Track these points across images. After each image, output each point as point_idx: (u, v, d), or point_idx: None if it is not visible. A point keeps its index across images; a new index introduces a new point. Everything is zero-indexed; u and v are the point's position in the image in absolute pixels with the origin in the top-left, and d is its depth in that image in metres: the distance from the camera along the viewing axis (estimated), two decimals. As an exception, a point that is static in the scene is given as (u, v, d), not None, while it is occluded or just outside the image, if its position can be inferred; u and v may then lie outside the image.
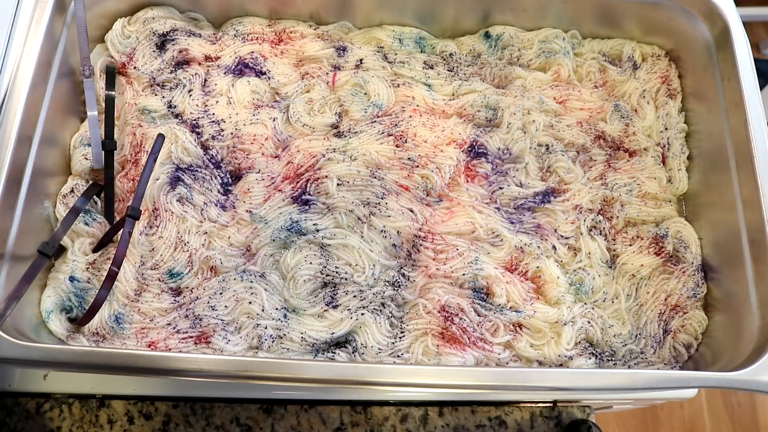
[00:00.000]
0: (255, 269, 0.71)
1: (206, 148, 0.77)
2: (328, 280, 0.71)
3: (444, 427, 0.69)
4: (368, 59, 0.83)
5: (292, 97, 0.81)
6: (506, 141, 0.79)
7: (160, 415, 0.67)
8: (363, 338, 0.69)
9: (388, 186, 0.75)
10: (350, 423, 0.68)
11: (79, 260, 0.69)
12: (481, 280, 0.72)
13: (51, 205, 0.72)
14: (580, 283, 0.74)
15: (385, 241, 0.72)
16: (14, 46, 0.70)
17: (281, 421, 0.68)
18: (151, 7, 0.82)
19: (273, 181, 0.75)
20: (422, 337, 0.69)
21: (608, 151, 0.81)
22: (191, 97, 0.78)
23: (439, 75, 0.84)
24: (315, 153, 0.76)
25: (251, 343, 0.68)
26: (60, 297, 0.68)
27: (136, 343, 0.67)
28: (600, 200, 0.78)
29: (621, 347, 0.72)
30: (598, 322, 0.72)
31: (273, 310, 0.69)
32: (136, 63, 0.80)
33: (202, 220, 0.73)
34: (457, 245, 0.73)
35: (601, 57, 0.86)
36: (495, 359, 0.70)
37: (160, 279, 0.71)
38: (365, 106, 0.80)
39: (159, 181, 0.74)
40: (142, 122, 0.77)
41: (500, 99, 0.81)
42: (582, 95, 0.83)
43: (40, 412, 0.67)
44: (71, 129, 0.76)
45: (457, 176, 0.77)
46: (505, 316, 0.71)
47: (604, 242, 0.76)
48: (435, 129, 0.79)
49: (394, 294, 0.71)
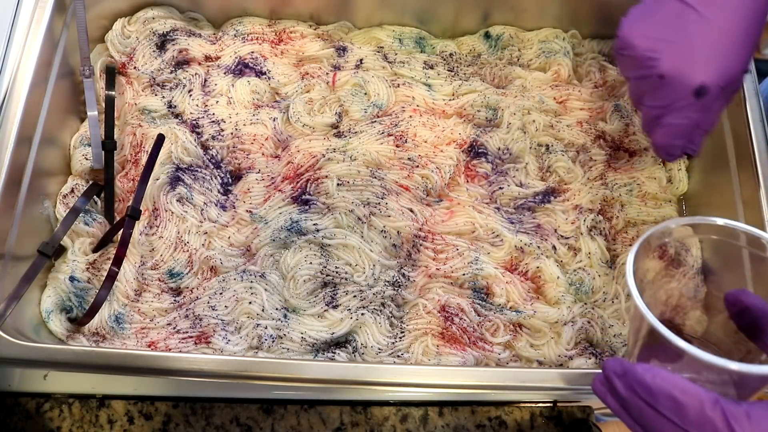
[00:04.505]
0: (255, 269, 0.71)
1: (206, 148, 0.77)
2: (328, 280, 0.71)
3: (444, 427, 0.69)
4: (368, 59, 0.83)
5: (292, 97, 0.81)
6: (506, 141, 0.79)
7: (160, 415, 0.67)
8: (363, 338, 0.69)
9: (388, 186, 0.75)
10: (350, 423, 0.68)
11: (79, 260, 0.69)
12: (481, 280, 0.72)
13: (51, 205, 0.72)
14: (580, 283, 0.74)
15: (385, 241, 0.72)
16: (14, 46, 0.70)
17: (281, 421, 0.68)
18: (151, 7, 0.82)
19: (273, 181, 0.75)
20: (422, 337, 0.69)
21: (608, 151, 0.81)
22: (191, 97, 0.79)
23: (439, 75, 0.84)
24: (315, 153, 0.76)
25: (251, 343, 0.68)
26: (60, 297, 0.68)
27: (136, 343, 0.67)
28: (600, 200, 0.78)
29: (621, 347, 0.72)
30: (598, 322, 0.72)
31: (273, 310, 0.69)
32: (136, 63, 0.80)
33: (202, 220, 0.73)
34: (457, 245, 0.73)
35: (601, 57, 0.86)
36: (495, 359, 0.70)
37: (160, 279, 0.71)
38: (365, 106, 0.80)
39: (159, 181, 0.74)
40: (142, 122, 0.77)
41: (500, 99, 0.81)
42: (582, 95, 0.83)
43: (40, 412, 0.67)
44: (71, 129, 0.76)
45: (457, 176, 0.77)
46: (505, 316, 0.71)
47: (604, 242, 0.76)
48: (435, 129, 0.79)
49: (394, 294, 0.71)
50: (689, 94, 0.54)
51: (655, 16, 0.56)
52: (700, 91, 0.54)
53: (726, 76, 0.54)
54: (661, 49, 0.54)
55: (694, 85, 0.53)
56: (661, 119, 0.57)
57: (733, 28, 0.54)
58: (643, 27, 0.56)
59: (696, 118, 0.56)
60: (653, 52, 0.55)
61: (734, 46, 0.54)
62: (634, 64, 0.57)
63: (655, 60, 0.54)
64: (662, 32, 0.55)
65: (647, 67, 0.55)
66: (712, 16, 0.54)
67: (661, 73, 0.54)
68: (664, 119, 0.57)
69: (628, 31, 0.57)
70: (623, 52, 0.58)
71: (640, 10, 0.58)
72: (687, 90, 0.54)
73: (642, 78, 0.57)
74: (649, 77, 0.55)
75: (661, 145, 0.59)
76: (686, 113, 0.55)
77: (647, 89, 0.57)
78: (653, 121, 0.58)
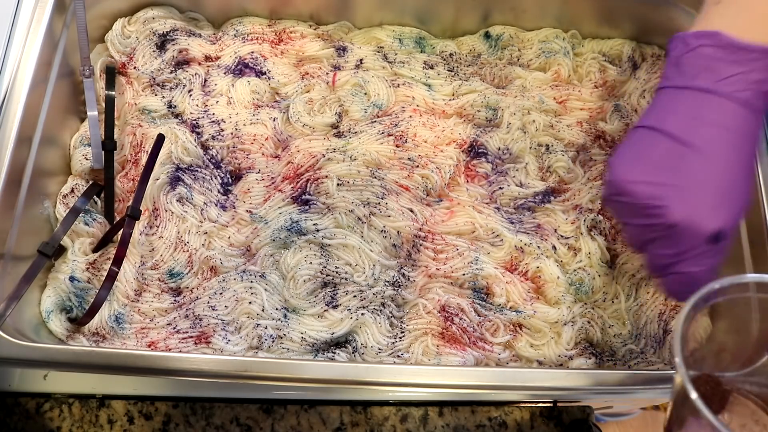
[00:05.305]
0: (255, 269, 0.71)
1: (206, 148, 0.77)
2: (328, 280, 0.71)
3: (444, 427, 0.69)
4: (368, 59, 0.83)
5: (292, 97, 0.81)
6: (506, 141, 0.79)
7: (160, 415, 0.67)
8: (363, 338, 0.69)
9: (388, 186, 0.75)
10: (350, 423, 0.68)
11: (79, 260, 0.69)
12: (481, 280, 0.72)
13: (51, 205, 0.72)
14: (580, 283, 0.74)
15: (385, 241, 0.72)
16: (14, 46, 0.70)
17: (281, 421, 0.68)
18: (151, 7, 0.82)
19: (273, 181, 0.75)
20: (422, 337, 0.69)
21: (608, 151, 0.81)
22: (191, 97, 0.79)
23: (439, 75, 0.84)
24: (315, 153, 0.76)
25: (251, 343, 0.68)
26: (60, 297, 0.68)
27: (136, 343, 0.67)
28: (600, 200, 0.78)
29: (621, 347, 0.72)
30: (598, 322, 0.72)
31: (273, 310, 0.69)
32: (136, 63, 0.80)
33: (202, 220, 0.73)
34: (457, 245, 0.73)
35: (601, 57, 0.86)
36: (495, 359, 0.70)
37: (160, 279, 0.71)
38: (365, 106, 0.80)
39: (159, 181, 0.74)
40: (142, 122, 0.77)
41: (500, 99, 0.81)
42: (582, 95, 0.83)
43: (40, 412, 0.67)
44: (71, 129, 0.76)
45: (457, 176, 0.77)
46: (505, 316, 0.71)
47: (604, 242, 0.76)
48: (435, 129, 0.79)
49: (394, 294, 0.71)
50: (704, 242, 0.49)
51: (651, 158, 0.51)
52: (716, 237, 0.49)
53: (737, 215, 0.50)
54: (667, 195, 0.49)
55: (708, 232, 0.49)
56: (675, 267, 0.52)
57: (735, 163, 0.50)
58: (639, 171, 0.51)
59: (711, 262, 0.51)
60: (658, 200, 0.49)
61: (739, 183, 0.50)
62: (634, 212, 0.52)
63: (661, 208, 0.49)
64: (663, 176, 0.50)
65: (653, 216, 0.50)
66: (713, 154, 0.49)
67: (671, 223, 0.49)
68: (678, 267, 0.52)
69: (624, 176, 0.51)
70: (620, 199, 0.52)
71: (630, 151, 0.53)
72: (701, 238, 0.49)
73: (647, 226, 0.51)
74: (655, 225, 0.50)
75: (677, 291, 0.54)
76: (702, 260, 0.51)
77: (654, 236, 0.52)
78: (665, 269, 0.53)
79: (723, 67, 0.50)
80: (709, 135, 0.50)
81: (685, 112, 0.51)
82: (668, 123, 0.51)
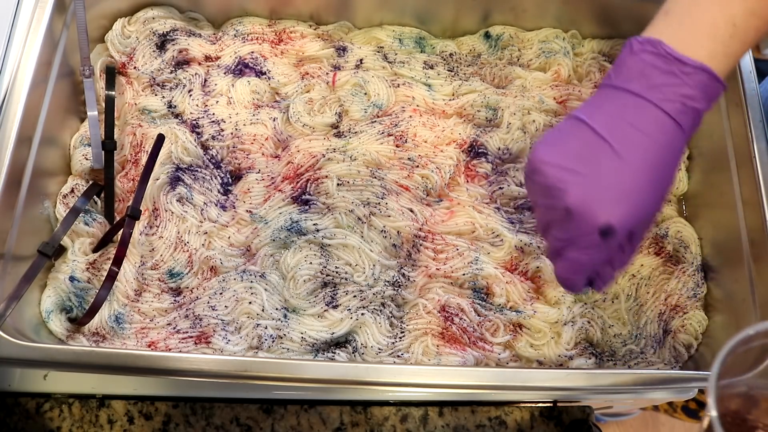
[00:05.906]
0: (255, 269, 0.71)
1: (206, 148, 0.77)
2: (328, 280, 0.71)
3: (444, 427, 0.69)
4: (368, 59, 0.83)
5: (292, 97, 0.81)
6: (506, 141, 0.79)
7: (160, 415, 0.67)
8: (363, 338, 0.69)
9: (388, 186, 0.75)
10: (350, 423, 0.68)
11: (79, 260, 0.69)
12: (481, 280, 0.72)
13: (51, 205, 0.72)
14: (580, 283, 0.74)
15: (385, 241, 0.72)
16: (14, 46, 0.70)
17: (281, 421, 0.68)
18: (151, 7, 0.82)
19: (273, 181, 0.75)
20: (422, 337, 0.69)
21: (608, 151, 0.81)
22: (191, 97, 0.78)
23: (439, 75, 0.84)
24: (315, 153, 0.76)
25: (251, 343, 0.68)
26: (60, 297, 0.68)
27: (136, 343, 0.67)
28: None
29: (621, 347, 0.72)
30: (598, 322, 0.72)
31: (273, 310, 0.69)
32: (136, 63, 0.80)
33: (202, 220, 0.73)
34: (457, 245, 0.73)
35: (601, 57, 0.86)
36: (495, 359, 0.70)
37: (160, 279, 0.71)
38: (365, 106, 0.80)
39: (159, 181, 0.74)
40: (142, 122, 0.77)
41: (500, 99, 0.81)
42: (582, 95, 0.83)
43: (40, 412, 0.67)
44: (71, 129, 0.76)
45: (457, 176, 0.77)
46: (505, 316, 0.71)
47: (604, 242, 0.76)
48: (435, 129, 0.79)
49: (394, 294, 0.71)
50: (594, 232, 0.50)
51: (568, 145, 0.52)
52: (605, 231, 0.50)
53: (634, 218, 0.51)
54: (570, 180, 0.50)
55: (598, 223, 0.50)
56: (564, 252, 0.53)
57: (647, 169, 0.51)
58: (554, 154, 0.52)
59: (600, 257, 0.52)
60: (562, 183, 0.51)
61: (646, 188, 0.51)
62: (542, 192, 0.53)
63: (562, 191, 0.51)
64: (573, 163, 0.51)
65: (554, 197, 0.51)
66: (626, 155, 0.50)
67: (567, 206, 0.50)
68: (566, 253, 0.53)
69: (540, 156, 0.52)
70: (533, 177, 0.53)
71: (554, 135, 0.54)
72: (591, 228, 0.50)
73: (549, 207, 0.53)
74: (555, 208, 0.52)
75: (562, 277, 0.55)
76: (589, 251, 0.52)
77: (554, 219, 0.53)
78: (556, 252, 0.54)
79: (657, 75, 0.51)
80: (628, 137, 0.51)
81: (613, 111, 0.52)
82: (595, 118, 0.52)
